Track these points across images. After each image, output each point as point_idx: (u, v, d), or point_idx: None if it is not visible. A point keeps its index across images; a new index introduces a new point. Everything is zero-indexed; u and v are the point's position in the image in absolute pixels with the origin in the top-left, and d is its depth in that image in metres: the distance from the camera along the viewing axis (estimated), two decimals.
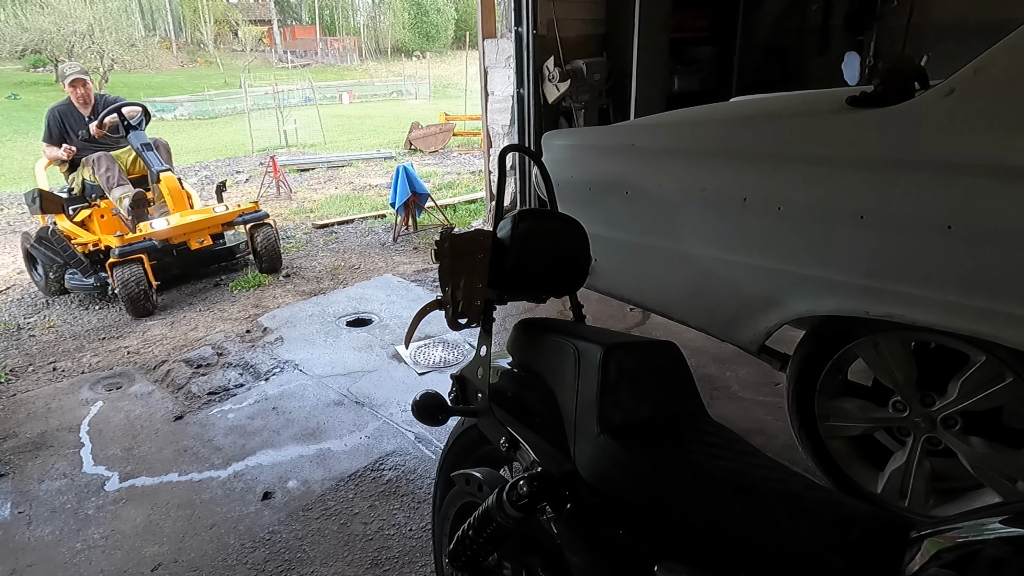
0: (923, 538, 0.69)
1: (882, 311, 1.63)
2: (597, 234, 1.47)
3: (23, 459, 2.51)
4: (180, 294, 4.35)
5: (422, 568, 1.91)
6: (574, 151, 2.48)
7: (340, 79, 26.19)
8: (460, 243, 1.21)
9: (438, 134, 10.93)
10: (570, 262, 1.29)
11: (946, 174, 1.49)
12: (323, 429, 2.63)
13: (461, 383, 1.36)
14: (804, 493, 0.83)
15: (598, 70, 4.72)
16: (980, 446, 1.69)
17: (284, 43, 35.09)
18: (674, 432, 1.02)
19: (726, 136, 2.01)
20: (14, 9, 20.17)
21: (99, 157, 4.30)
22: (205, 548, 2.02)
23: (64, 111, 4.47)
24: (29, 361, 3.39)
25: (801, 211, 1.76)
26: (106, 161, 4.31)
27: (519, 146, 1.61)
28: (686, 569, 0.85)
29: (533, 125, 4.71)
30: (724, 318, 2.06)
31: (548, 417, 1.15)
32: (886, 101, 1.66)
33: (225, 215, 4.41)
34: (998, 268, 1.44)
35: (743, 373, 2.86)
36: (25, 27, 19.94)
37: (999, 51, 1.45)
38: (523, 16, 4.45)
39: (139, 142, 4.34)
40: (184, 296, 4.31)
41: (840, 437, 1.96)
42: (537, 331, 1.26)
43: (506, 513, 1.02)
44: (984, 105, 1.47)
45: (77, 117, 4.48)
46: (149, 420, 2.76)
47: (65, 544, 2.06)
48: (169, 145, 4.70)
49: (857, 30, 4.90)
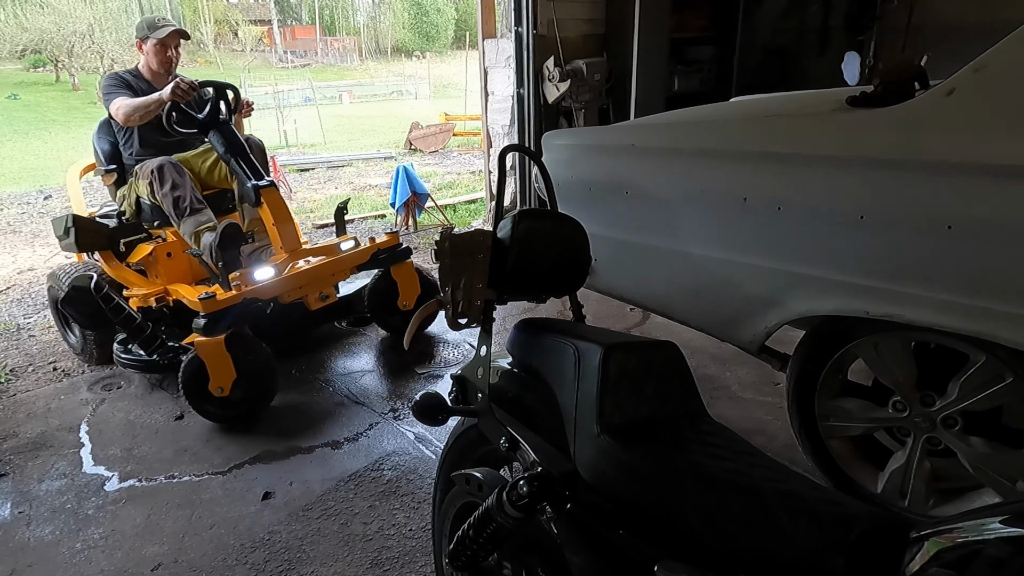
0: (923, 538, 0.69)
1: (882, 311, 1.63)
2: (597, 234, 1.47)
3: (23, 459, 2.51)
4: None
5: (422, 568, 1.91)
6: (574, 151, 2.48)
7: (340, 79, 26.18)
8: (460, 243, 1.21)
9: (438, 134, 10.93)
10: (570, 262, 1.29)
11: (946, 174, 1.49)
12: (323, 428, 2.63)
13: (461, 383, 1.36)
14: (804, 493, 0.83)
15: (598, 70, 4.73)
16: (980, 446, 1.69)
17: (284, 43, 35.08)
18: (674, 432, 1.02)
19: (726, 136, 2.01)
20: (14, 9, 20.18)
21: (161, 167, 2.86)
22: (205, 548, 2.02)
23: (130, 80, 3.06)
24: (29, 361, 3.39)
25: (801, 211, 1.76)
26: (172, 173, 2.86)
27: (519, 146, 1.61)
28: (686, 569, 0.85)
29: (533, 125, 4.71)
30: (724, 318, 2.06)
31: (548, 417, 1.16)
32: (886, 101, 1.66)
33: (358, 254, 3.00)
34: (998, 268, 1.44)
35: (743, 373, 2.86)
36: (25, 27, 19.94)
37: (999, 51, 1.45)
38: (523, 16, 4.45)
39: (225, 143, 2.83)
40: None
41: (840, 437, 1.96)
42: (537, 331, 1.26)
43: (506, 513, 1.02)
44: (984, 105, 1.47)
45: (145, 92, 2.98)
46: (149, 420, 2.76)
47: (65, 544, 2.06)
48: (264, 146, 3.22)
49: (857, 30, 4.90)
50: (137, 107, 2.83)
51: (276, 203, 2.81)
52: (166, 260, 3.02)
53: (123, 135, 3.10)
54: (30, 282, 4.67)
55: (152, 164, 2.90)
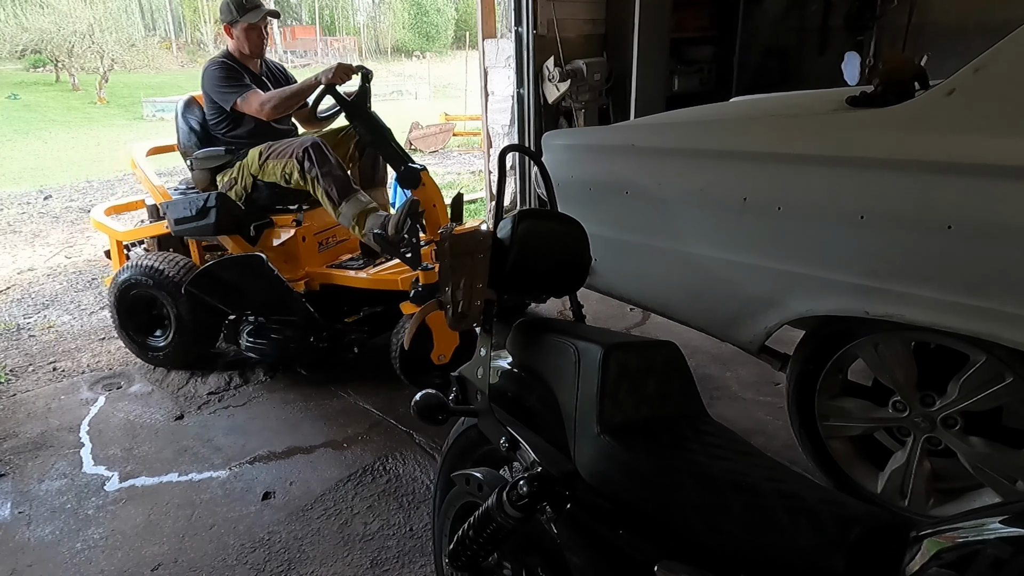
0: (923, 538, 0.69)
1: (882, 311, 1.63)
2: (597, 234, 1.47)
3: (23, 459, 2.51)
4: None
5: (422, 568, 1.91)
6: (574, 151, 2.48)
7: None
8: (460, 243, 1.21)
9: (438, 134, 10.92)
10: (570, 262, 1.29)
11: (946, 174, 1.49)
12: (323, 428, 2.63)
13: (461, 383, 1.36)
14: (804, 493, 0.83)
15: (598, 70, 4.73)
16: (980, 446, 1.69)
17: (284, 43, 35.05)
18: (674, 432, 1.02)
19: (726, 136, 2.01)
20: (14, 9, 20.17)
21: (316, 146, 2.72)
22: (205, 548, 2.02)
23: (239, 68, 2.95)
24: (29, 361, 3.39)
25: (801, 211, 1.76)
26: (328, 153, 2.74)
27: (519, 146, 1.61)
28: (686, 569, 0.85)
29: (533, 125, 4.71)
30: (724, 318, 2.06)
31: (548, 417, 1.15)
32: (886, 101, 1.66)
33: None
34: (998, 268, 1.44)
35: (743, 373, 2.86)
36: (25, 27, 19.93)
37: (999, 51, 1.45)
38: (523, 16, 4.45)
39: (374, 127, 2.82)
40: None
41: (840, 437, 1.96)
42: (537, 331, 1.26)
43: (506, 513, 1.02)
44: (984, 105, 1.47)
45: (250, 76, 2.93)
46: (149, 420, 2.76)
47: (65, 544, 2.06)
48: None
49: (857, 30, 4.90)
50: (287, 97, 2.79)
51: (432, 184, 2.85)
52: (302, 244, 2.94)
53: (226, 118, 2.98)
54: (30, 282, 4.67)
55: (297, 145, 2.76)
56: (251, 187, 2.92)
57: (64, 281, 4.65)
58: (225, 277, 2.75)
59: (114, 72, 19.84)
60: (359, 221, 2.70)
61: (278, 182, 2.84)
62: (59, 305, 4.27)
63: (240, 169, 2.93)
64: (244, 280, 2.72)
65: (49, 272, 4.87)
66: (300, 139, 2.83)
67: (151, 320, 3.15)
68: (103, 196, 7.55)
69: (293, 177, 2.77)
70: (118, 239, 3.36)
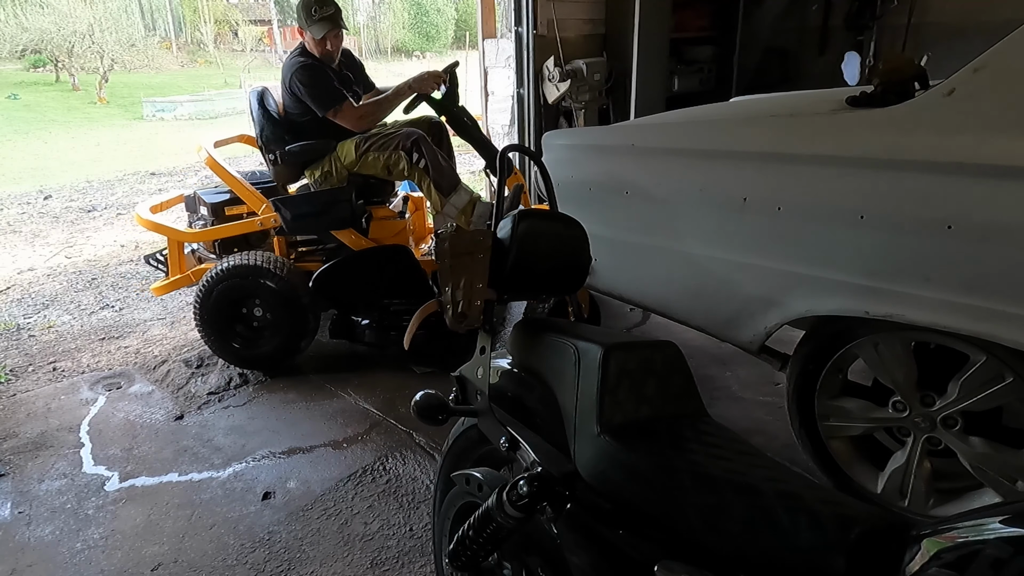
0: (923, 538, 0.69)
1: (882, 311, 1.63)
2: (597, 234, 1.47)
3: (23, 459, 2.51)
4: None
5: (422, 568, 1.91)
6: (574, 151, 2.48)
7: None
8: (460, 243, 1.21)
9: None
10: (570, 262, 1.29)
11: (946, 174, 1.49)
12: (323, 428, 2.63)
13: (461, 383, 1.36)
14: (804, 493, 0.83)
15: (598, 70, 4.72)
16: (980, 446, 1.69)
17: (284, 43, 35.02)
18: (674, 432, 1.02)
19: (726, 136, 2.01)
20: (14, 9, 20.16)
21: (423, 138, 2.82)
22: (205, 548, 2.02)
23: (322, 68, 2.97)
24: (29, 361, 3.39)
25: (801, 211, 1.76)
26: (430, 144, 2.84)
27: (519, 146, 1.61)
28: (686, 569, 0.85)
29: (533, 125, 4.71)
30: (724, 318, 2.06)
31: (548, 417, 1.15)
32: (886, 101, 1.66)
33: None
34: (998, 268, 1.44)
35: (743, 373, 2.86)
36: (25, 27, 19.91)
37: (999, 51, 1.45)
38: (523, 16, 4.44)
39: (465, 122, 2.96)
40: (186, 295, 4.30)
41: (840, 437, 1.96)
42: (537, 331, 1.26)
43: (506, 513, 1.02)
44: (984, 105, 1.47)
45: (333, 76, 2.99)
46: (149, 420, 2.76)
47: (65, 544, 2.06)
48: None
49: (857, 30, 4.90)
50: (383, 110, 2.92)
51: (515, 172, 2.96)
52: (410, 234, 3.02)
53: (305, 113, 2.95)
54: (30, 282, 4.67)
55: (403, 137, 2.80)
56: (345, 180, 2.94)
57: (64, 281, 4.65)
58: (361, 271, 2.74)
59: (114, 72, 19.82)
60: (466, 210, 2.80)
61: (378, 174, 2.88)
62: (59, 305, 4.27)
63: (332, 162, 2.93)
64: (384, 271, 2.73)
65: (49, 272, 4.86)
66: (402, 132, 2.87)
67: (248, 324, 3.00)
68: (103, 196, 7.54)
69: (398, 168, 2.82)
70: (179, 239, 3.10)
